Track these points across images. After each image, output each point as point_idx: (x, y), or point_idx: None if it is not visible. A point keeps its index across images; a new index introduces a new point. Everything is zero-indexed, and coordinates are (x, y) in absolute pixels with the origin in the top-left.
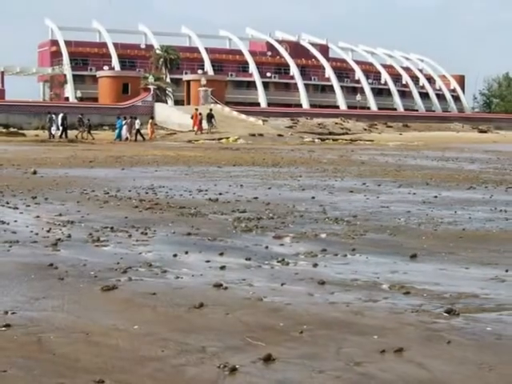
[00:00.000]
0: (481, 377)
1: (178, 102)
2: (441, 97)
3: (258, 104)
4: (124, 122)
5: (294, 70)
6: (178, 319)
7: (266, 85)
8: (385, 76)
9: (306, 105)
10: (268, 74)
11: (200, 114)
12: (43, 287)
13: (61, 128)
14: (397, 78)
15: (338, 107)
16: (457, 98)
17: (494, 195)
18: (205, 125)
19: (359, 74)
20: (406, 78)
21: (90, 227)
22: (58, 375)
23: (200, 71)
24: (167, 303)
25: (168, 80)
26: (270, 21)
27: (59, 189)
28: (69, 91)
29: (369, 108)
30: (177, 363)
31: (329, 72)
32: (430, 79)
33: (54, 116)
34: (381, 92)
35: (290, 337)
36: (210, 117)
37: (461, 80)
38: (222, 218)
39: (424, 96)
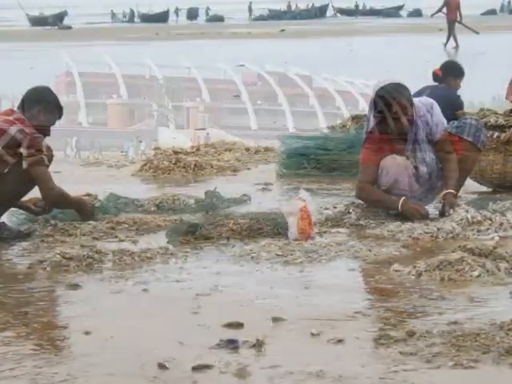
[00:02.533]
0: None
1: (178, 127)
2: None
3: (249, 128)
4: (131, 144)
5: (281, 99)
6: (178, 319)
7: (256, 111)
8: (362, 103)
9: (292, 129)
10: (259, 102)
11: (198, 136)
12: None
13: (75, 149)
14: None
15: None
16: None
17: None
18: None
19: (339, 101)
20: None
21: None
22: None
23: (198, 99)
24: (169, 305)
25: (170, 107)
26: (260, 55)
27: None
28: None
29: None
30: (178, 357)
31: (312, 100)
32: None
33: (68, 138)
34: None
35: (279, 334)
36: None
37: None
38: None
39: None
